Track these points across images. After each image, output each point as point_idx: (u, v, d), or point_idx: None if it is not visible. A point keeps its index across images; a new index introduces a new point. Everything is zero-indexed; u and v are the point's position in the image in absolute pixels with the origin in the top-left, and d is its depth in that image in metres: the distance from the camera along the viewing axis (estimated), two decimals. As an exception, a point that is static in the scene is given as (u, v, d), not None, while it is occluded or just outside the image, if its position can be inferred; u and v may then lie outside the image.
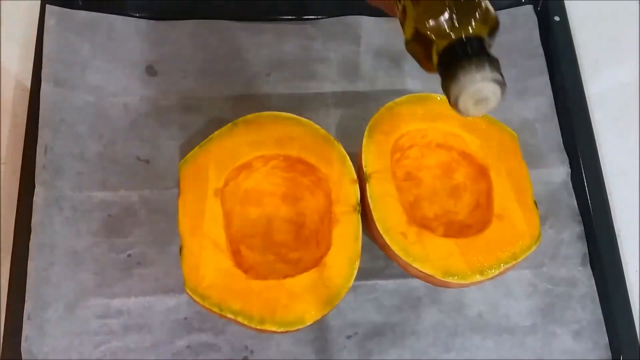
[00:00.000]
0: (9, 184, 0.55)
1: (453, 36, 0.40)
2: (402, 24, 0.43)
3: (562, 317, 0.53)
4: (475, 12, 0.40)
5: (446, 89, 0.40)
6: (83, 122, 0.56)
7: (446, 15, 0.40)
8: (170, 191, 0.54)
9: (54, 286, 0.51)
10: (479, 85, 0.39)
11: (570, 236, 0.56)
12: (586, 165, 0.58)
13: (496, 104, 0.40)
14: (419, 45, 0.41)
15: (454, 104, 0.40)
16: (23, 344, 0.49)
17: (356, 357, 0.51)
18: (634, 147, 0.61)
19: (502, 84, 0.40)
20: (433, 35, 0.40)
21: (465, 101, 0.39)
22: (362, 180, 0.49)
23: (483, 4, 0.40)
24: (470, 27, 0.40)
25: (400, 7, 0.43)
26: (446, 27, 0.40)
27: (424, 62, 0.42)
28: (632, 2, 0.68)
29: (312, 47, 0.61)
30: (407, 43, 0.42)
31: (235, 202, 0.52)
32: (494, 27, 0.41)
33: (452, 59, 0.40)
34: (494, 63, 0.39)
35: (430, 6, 0.40)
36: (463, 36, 0.40)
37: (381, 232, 0.47)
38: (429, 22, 0.40)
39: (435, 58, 0.41)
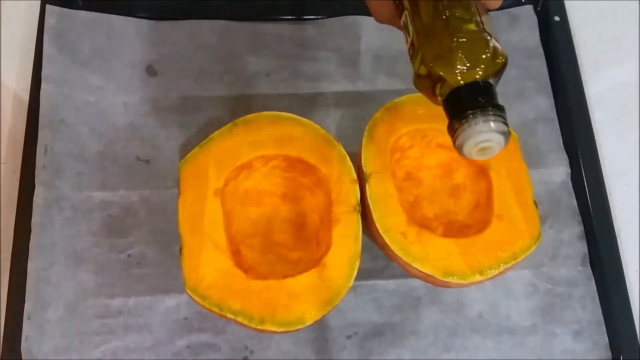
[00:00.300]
0: (9, 184, 0.55)
1: (460, 80, 0.39)
2: (410, 57, 0.42)
3: (562, 317, 0.53)
4: (483, 55, 0.39)
5: (451, 131, 0.40)
6: (83, 122, 0.56)
7: (453, 57, 0.39)
8: (170, 191, 0.54)
9: (54, 286, 0.51)
10: (484, 136, 0.38)
11: (570, 236, 0.56)
12: (586, 165, 0.58)
13: (499, 150, 0.40)
14: (426, 81, 0.41)
15: (457, 148, 0.39)
16: (23, 344, 0.49)
17: (356, 357, 0.51)
18: (634, 147, 0.61)
19: (507, 134, 0.39)
20: (437, 77, 0.39)
21: (469, 148, 0.39)
22: (362, 180, 0.49)
23: (492, 45, 0.39)
24: (477, 72, 0.39)
25: (408, 41, 0.42)
26: (452, 70, 0.39)
27: (431, 97, 0.41)
28: (632, 2, 0.68)
29: (312, 47, 0.61)
30: (414, 77, 0.41)
31: (235, 202, 0.52)
32: (502, 68, 0.40)
33: (458, 104, 0.39)
34: (500, 112, 0.39)
35: (436, 46, 0.39)
36: (470, 81, 0.39)
37: (381, 232, 0.47)
38: (434, 63, 0.39)
39: (439, 98, 0.40)
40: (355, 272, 0.47)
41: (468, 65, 0.39)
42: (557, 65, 0.62)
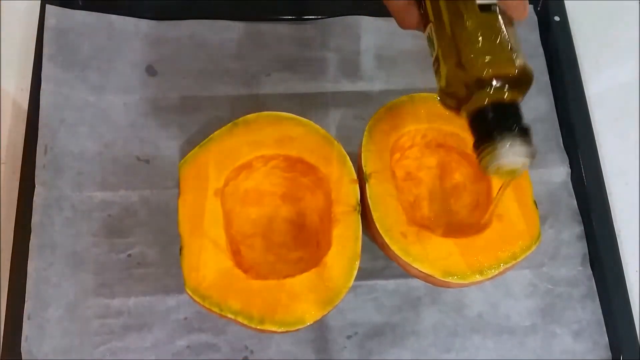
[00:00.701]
0: (9, 184, 0.55)
1: (487, 100, 0.38)
2: (434, 72, 0.41)
3: (562, 317, 0.53)
4: (510, 74, 0.38)
5: (476, 150, 0.39)
6: (83, 122, 0.56)
7: (480, 76, 0.37)
8: (170, 191, 0.54)
9: (54, 286, 0.51)
10: (511, 159, 0.38)
11: (570, 236, 0.56)
12: (586, 165, 0.58)
13: (525, 170, 0.39)
14: (451, 98, 0.40)
15: (483, 168, 0.39)
16: (23, 344, 0.49)
17: (356, 357, 0.51)
18: (634, 147, 0.61)
19: (533, 156, 0.38)
20: (463, 95, 0.38)
21: (495, 169, 0.39)
22: (362, 180, 0.49)
23: (519, 63, 0.38)
24: (505, 92, 0.38)
25: (433, 55, 0.41)
26: (480, 89, 0.37)
27: (456, 113, 0.40)
28: (632, 2, 0.68)
29: (312, 47, 0.61)
30: (439, 92, 0.40)
31: (235, 202, 0.52)
32: (529, 86, 0.39)
33: (485, 125, 0.38)
34: (527, 135, 0.38)
35: (463, 65, 0.38)
36: (497, 101, 0.38)
37: (381, 232, 0.47)
38: (460, 82, 0.38)
39: (465, 115, 0.39)
40: (355, 272, 0.47)
41: (496, 85, 0.38)
42: (557, 65, 0.62)
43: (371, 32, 0.62)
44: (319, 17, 0.63)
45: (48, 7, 0.59)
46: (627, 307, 0.53)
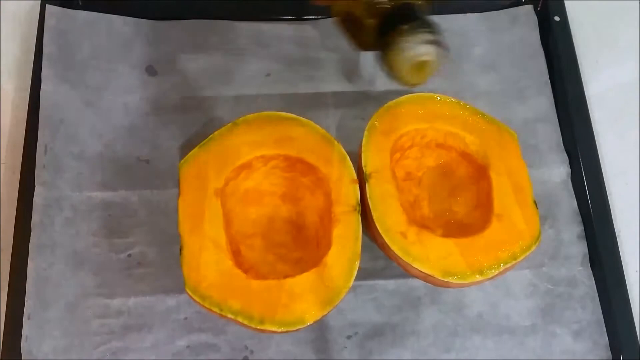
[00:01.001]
0: (9, 184, 0.55)
1: (389, 6, 0.40)
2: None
3: (562, 317, 0.53)
4: None
5: (384, 59, 0.40)
6: (83, 122, 0.56)
7: None
8: (170, 191, 0.54)
9: (54, 286, 0.51)
10: (415, 49, 0.39)
11: (570, 236, 0.56)
12: (586, 165, 0.58)
13: (437, 66, 0.40)
14: (351, 20, 0.41)
15: (395, 74, 0.40)
16: (23, 344, 0.49)
17: (356, 357, 0.51)
18: (633, 147, 0.61)
19: (439, 44, 0.39)
20: (365, 10, 0.40)
21: (405, 68, 0.40)
22: (362, 180, 0.49)
23: None
24: None
25: None
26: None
27: (356, 38, 0.42)
28: (632, 2, 0.68)
29: (312, 47, 0.61)
30: (339, 20, 0.42)
31: (235, 202, 0.52)
32: None
33: (391, 24, 0.40)
34: (430, 26, 0.39)
35: None
36: (397, 6, 0.40)
37: (381, 232, 0.47)
38: None
39: (369, 32, 0.41)
40: (355, 272, 0.47)
41: None
42: (557, 65, 0.62)
43: (371, 32, 0.62)
44: (319, 17, 0.63)
45: (48, 7, 0.59)
46: (627, 307, 0.53)
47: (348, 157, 0.50)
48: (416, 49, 0.39)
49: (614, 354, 0.52)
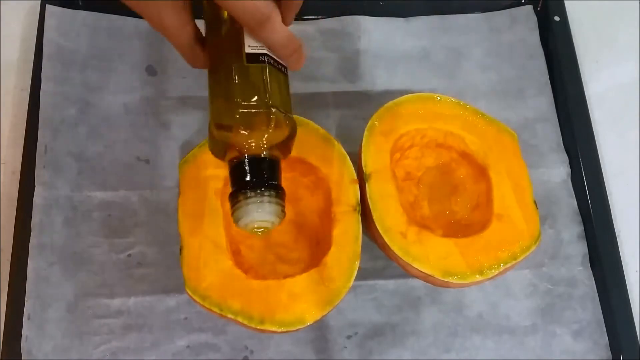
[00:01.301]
0: (9, 184, 0.55)
1: (243, 153, 0.40)
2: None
3: (562, 317, 0.53)
4: (264, 129, 0.39)
5: (230, 201, 0.41)
6: (83, 122, 0.56)
7: (235, 128, 0.39)
8: (170, 191, 0.54)
9: (54, 286, 0.51)
10: (258, 218, 0.40)
11: (570, 236, 0.56)
12: (586, 165, 0.58)
13: (275, 226, 0.41)
14: (217, 142, 0.41)
15: (235, 221, 0.41)
16: (23, 344, 0.49)
17: (356, 357, 0.51)
18: (633, 147, 0.61)
19: (280, 217, 0.41)
20: (223, 144, 0.40)
21: (245, 225, 0.41)
22: (362, 180, 0.49)
23: (273, 117, 0.39)
24: (259, 147, 0.39)
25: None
26: (236, 141, 0.39)
27: (222, 158, 0.42)
28: (632, 2, 0.68)
29: (312, 47, 0.61)
30: (209, 139, 0.42)
31: (235, 202, 0.51)
32: (288, 139, 0.41)
33: (239, 178, 0.40)
34: (277, 195, 0.40)
35: (223, 113, 0.39)
36: (253, 155, 0.40)
37: (381, 232, 0.47)
38: (219, 130, 0.40)
39: (227, 163, 0.41)
40: (355, 272, 0.47)
41: (250, 139, 0.39)
42: (557, 65, 0.62)
43: (371, 32, 0.62)
44: (319, 17, 0.63)
45: (48, 7, 0.59)
46: (627, 307, 0.53)
47: (348, 157, 0.50)
48: (260, 217, 0.40)
49: (614, 354, 0.52)
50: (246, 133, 0.39)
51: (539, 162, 0.58)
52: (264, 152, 0.40)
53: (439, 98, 0.53)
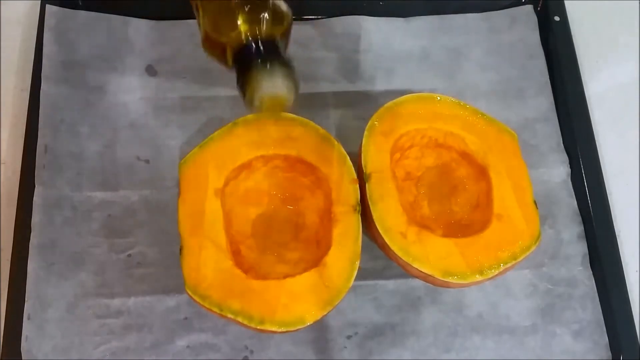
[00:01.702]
0: (9, 184, 0.55)
1: (243, 40, 0.41)
2: (198, 23, 0.44)
3: (562, 317, 0.53)
4: (263, 14, 0.42)
5: (240, 88, 0.42)
6: (83, 122, 0.56)
7: (233, 18, 0.41)
8: (170, 191, 0.54)
9: (54, 286, 0.51)
10: (270, 91, 0.41)
11: (570, 236, 0.56)
12: (586, 165, 0.58)
13: (290, 102, 0.42)
14: (213, 45, 0.43)
15: (247, 103, 0.42)
16: (23, 344, 0.49)
17: (356, 357, 0.51)
18: (633, 147, 0.61)
19: (292, 88, 0.42)
20: (223, 38, 0.42)
21: (259, 101, 0.42)
22: (362, 180, 0.49)
23: (271, 4, 0.42)
24: (259, 30, 0.41)
25: (194, 6, 0.44)
26: (235, 30, 0.41)
27: (220, 59, 0.44)
28: (632, 2, 0.68)
29: (312, 47, 0.61)
30: (202, 42, 0.44)
31: (235, 202, 0.51)
32: (287, 26, 0.43)
33: (245, 62, 0.42)
34: (285, 67, 0.42)
35: (218, 9, 0.42)
36: (252, 40, 0.41)
37: (381, 232, 0.47)
38: (217, 25, 0.42)
39: (229, 57, 0.42)
40: (355, 272, 0.47)
41: (249, 25, 0.41)
42: (557, 65, 0.62)
43: (371, 32, 0.62)
44: (319, 17, 0.63)
45: (48, 7, 0.59)
46: (627, 307, 0.53)
47: (348, 157, 0.50)
48: (275, 91, 0.41)
49: (614, 354, 0.52)
50: (244, 21, 0.41)
51: (539, 162, 0.58)
52: (263, 37, 0.42)
53: (439, 98, 0.53)
